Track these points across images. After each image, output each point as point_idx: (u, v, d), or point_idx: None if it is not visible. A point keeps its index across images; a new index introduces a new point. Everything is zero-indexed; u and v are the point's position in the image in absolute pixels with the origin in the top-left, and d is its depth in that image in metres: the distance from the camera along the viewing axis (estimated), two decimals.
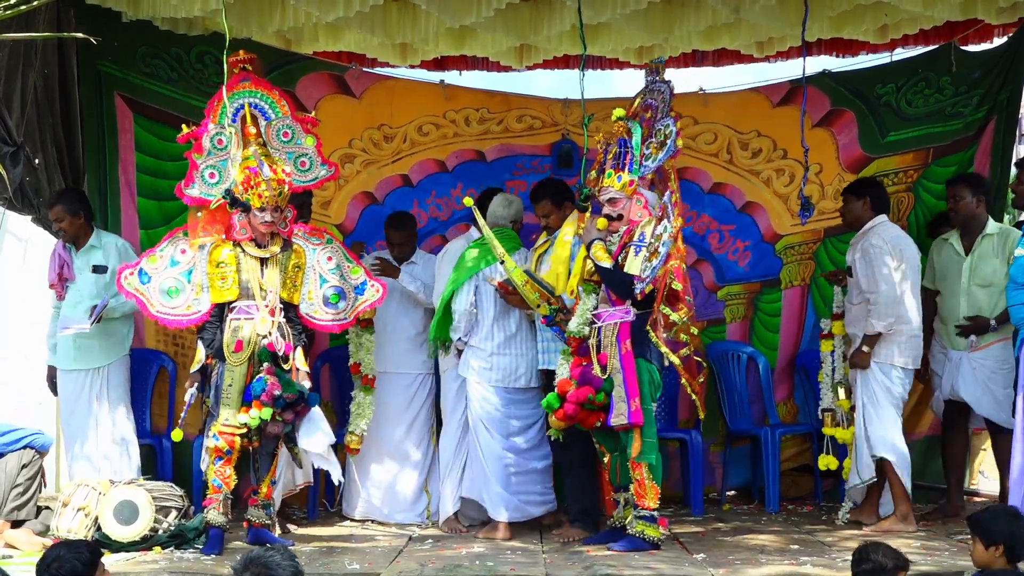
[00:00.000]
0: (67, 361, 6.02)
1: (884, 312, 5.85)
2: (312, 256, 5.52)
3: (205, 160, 5.42)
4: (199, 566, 5.01)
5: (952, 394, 6.22)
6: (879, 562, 3.70)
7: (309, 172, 5.53)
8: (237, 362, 5.25)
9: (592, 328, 5.44)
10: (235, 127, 5.36)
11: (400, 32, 6.53)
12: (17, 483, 5.55)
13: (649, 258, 5.24)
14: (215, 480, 5.27)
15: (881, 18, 6.58)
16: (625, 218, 5.43)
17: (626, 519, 5.42)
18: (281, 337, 5.28)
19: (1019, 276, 5.50)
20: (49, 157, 6.27)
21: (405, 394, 6.41)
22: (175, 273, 5.40)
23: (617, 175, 5.43)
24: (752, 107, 7.21)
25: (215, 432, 5.24)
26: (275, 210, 5.32)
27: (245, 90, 5.44)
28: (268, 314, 5.28)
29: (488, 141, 7.17)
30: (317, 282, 5.51)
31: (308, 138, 5.51)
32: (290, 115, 5.50)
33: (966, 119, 7.14)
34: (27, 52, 5.91)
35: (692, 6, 6.37)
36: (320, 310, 5.51)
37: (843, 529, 5.93)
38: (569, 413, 5.34)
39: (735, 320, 7.23)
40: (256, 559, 3.23)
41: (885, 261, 5.87)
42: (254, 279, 5.32)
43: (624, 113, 5.52)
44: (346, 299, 5.56)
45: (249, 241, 5.36)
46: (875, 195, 6.13)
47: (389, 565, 5.01)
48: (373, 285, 5.62)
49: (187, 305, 5.39)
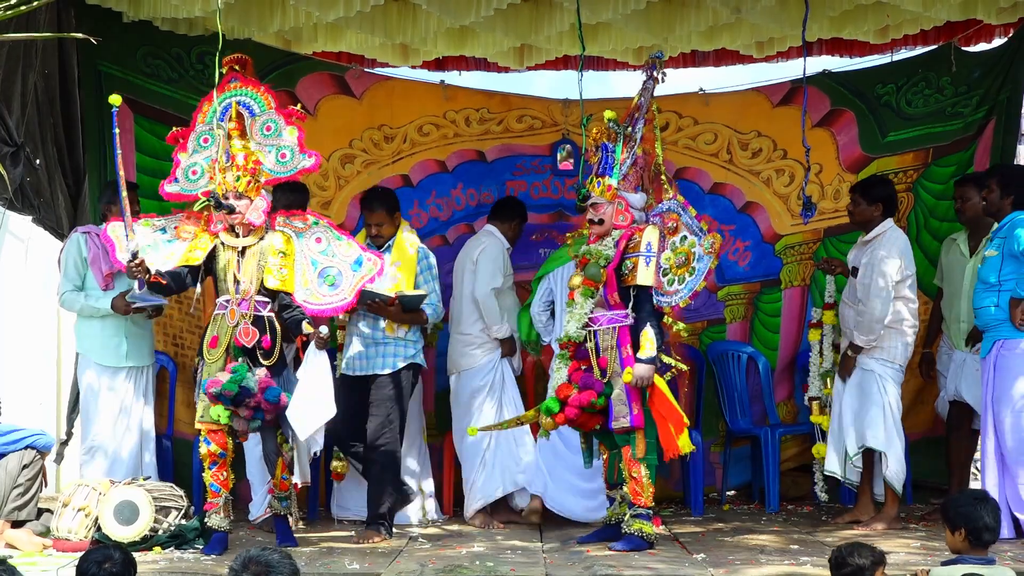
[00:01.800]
0: (116, 358, 5.97)
1: (868, 328, 5.84)
2: (299, 243, 5.39)
3: (189, 158, 5.44)
4: (199, 566, 5.01)
5: (956, 395, 6.22)
6: (857, 564, 3.71)
7: (288, 163, 5.39)
8: (213, 358, 5.25)
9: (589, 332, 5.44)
10: (223, 126, 5.36)
11: (400, 32, 6.53)
12: (18, 483, 5.53)
13: (676, 271, 5.31)
14: (213, 485, 5.28)
15: (882, 18, 6.58)
16: (607, 223, 5.46)
17: (621, 516, 5.44)
18: (257, 330, 5.25)
19: (989, 277, 5.54)
20: (50, 158, 6.27)
21: None
22: (158, 237, 5.40)
23: (597, 180, 5.47)
24: (752, 107, 7.22)
25: (204, 435, 5.25)
26: (238, 198, 5.27)
27: (234, 90, 5.43)
28: (237, 306, 5.26)
29: (488, 141, 7.17)
30: (309, 267, 5.35)
31: (290, 129, 5.39)
32: (274, 108, 5.43)
33: (966, 119, 7.14)
34: (28, 52, 5.91)
35: (692, 6, 6.37)
36: (316, 294, 5.30)
37: (843, 529, 5.93)
38: (570, 417, 5.36)
39: (735, 320, 7.23)
40: (254, 559, 3.24)
41: (888, 278, 5.80)
42: (230, 270, 5.31)
43: (614, 115, 5.54)
44: (343, 277, 5.34)
45: (226, 231, 5.35)
46: (887, 197, 6.09)
47: (389, 565, 5.00)
48: (370, 258, 5.38)
49: (159, 263, 5.31)
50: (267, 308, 5.31)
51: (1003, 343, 5.48)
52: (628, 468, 5.35)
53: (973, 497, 4.08)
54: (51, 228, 6.41)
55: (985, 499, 4.07)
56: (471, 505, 6.30)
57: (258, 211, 5.35)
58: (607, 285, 5.42)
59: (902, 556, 5.03)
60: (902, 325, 5.90)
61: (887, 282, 5.80)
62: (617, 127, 5.50)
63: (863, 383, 5.92)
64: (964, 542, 3.93)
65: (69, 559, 5.04)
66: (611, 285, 5.42)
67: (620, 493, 5.54)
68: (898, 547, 5.25)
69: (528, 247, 6.96)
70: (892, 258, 5.85)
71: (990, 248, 5.61)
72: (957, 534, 3.95)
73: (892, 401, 5.89)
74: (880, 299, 5.80)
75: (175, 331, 6.67)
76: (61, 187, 6.34)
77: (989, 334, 5.57)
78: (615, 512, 5.60)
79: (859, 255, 6.06)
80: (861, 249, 6.07)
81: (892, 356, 5.92)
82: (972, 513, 3.92)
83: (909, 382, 6.50)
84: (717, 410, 7.07)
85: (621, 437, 5.36)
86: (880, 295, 5.81)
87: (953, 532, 3.97)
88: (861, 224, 6.11)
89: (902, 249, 5.92)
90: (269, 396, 5.17)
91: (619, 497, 5.57)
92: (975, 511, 3.93)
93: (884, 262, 5.83)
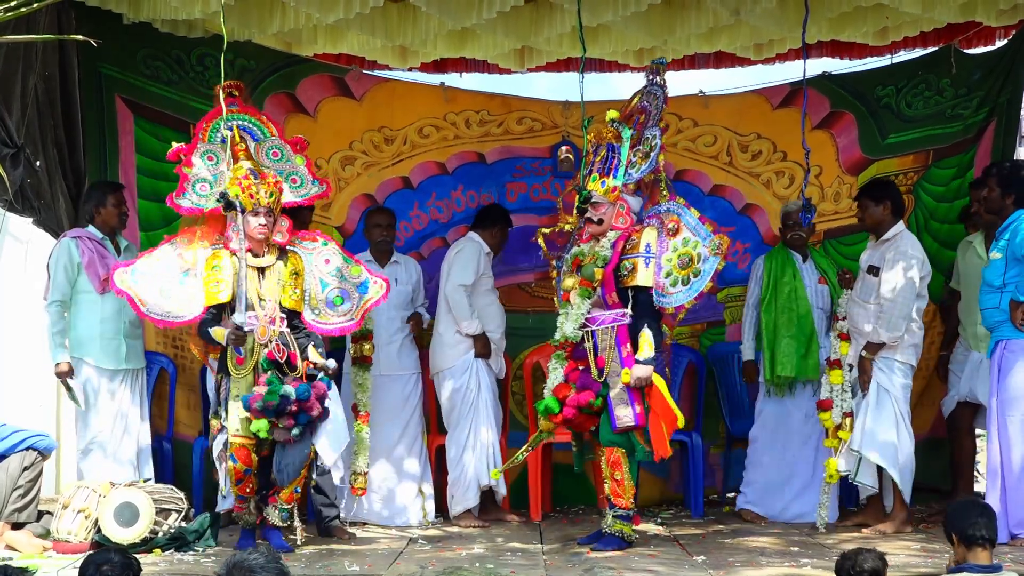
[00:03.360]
0: (113, 360, 5.96)
1: (895, 324, 5.81)
2: (309, 261, 5.52)
3: (197, 174, 5.49)
4: (198, 568, 5.01)
5: (969, 395, 6.20)
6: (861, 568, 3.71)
7: (301, 188, 5.60)
8: (241, 375, 5.29)
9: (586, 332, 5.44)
10: (226, 146, 5.42)
11: (400, 34, 6.53)
12: (18, 485, 5.52)
13: (679, 273, 5.31)
14: (240, 496, 5.36)
15: (881, 20, 6.58)
16: (606, 223, 5.46)
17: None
18: (284, 346, 5.30)
19: (994, 280, 5.54)
20: (50, 159, 6.26)
21: (399, 395, 6.43)
22: (171, 274, 5.40)
23: (602, 180, 5.46)
24: (752, 109, 7.22)
25: (231, 452, 5.28)
26: (268, 213, 5.33)
27: (233, 115, 5.47)
28: (268, 323, 5.30)
29: (488, 143, 7.17)
30: (318, 287, 5.50)
31: (298, 158, 5.59)
32: (278, 136, 5.57)
33: (966, 121, 7.13)
34: (28, 54, 5.91)
35: (692, 8, 6.37)
36: (325, 314, 5.49)
37: (843, 532, 5.93)
38: (568, 417, 5.37)
39: (735, 322, 7.21)
40: (239, 563, 3.18)
41: (914, 274, 5.83)
42: (252, 289, 5.34)
43: (617, 115, 5.54)
44: (350, 299, 5.53)
45: (247, 252, 5.37)
46: (895, 199, 6.08)
47: (389, 567, 5.00)
48: (376, 282, 5.59)
49: (179, 308, 5.38)
50: (284, 324, 5.37)
51: (1007, 343, 5.47)
52: (611, 469, 5.35)
53: (965, 504, 4.09)
54: (51, 230, 6.40)
55: (976, 503, 4.09)
56: (455, 507, 6.34)
57: (283, 231, 5.47)
58: (605, 285, 5.42)
59: (902, 558, 5.04)
60: (913, 326, 5.91)
61: (916, 278, 5.83)
62: (621, 127, 5.50)
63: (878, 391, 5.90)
64: (963, 549, 3.92)
65: (69, 561, 5.04)
66: (609, 285, 5.42)
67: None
68: (898, 549, 5.25)
69: (528, 248, 6.94)
70: (917, 256, 5.88)
71: (994, 250, 5.59)
72: (959, 545, 3.94)
73: (902, 407, 5.89)
74: (904, 295, 5.79)
75: (175, 332, 6.66)
76: (61, 189, 6.33)
77: (993, 335, 5.56)
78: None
79: (874, 255, 6.02)
80: (876, 249, 6.02)
81: (906, 357, 5.92)
82: (964, 519, 3.92)
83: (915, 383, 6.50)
84: (717, 412, 7.06)
85: (606, 437, 5.35)
86: (905, 292, 5.80)
87: (952, 542, 3.98)
88: (873, 227, 6.07)
89: (921, 248, 5.97)
90: (301, 394, 5.20)
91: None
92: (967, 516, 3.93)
93: (912, 259, 5.85)
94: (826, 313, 6.36)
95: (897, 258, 5.87)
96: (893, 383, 5.89)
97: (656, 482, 7.07)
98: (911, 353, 5.95)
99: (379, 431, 6.28)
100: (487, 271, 6.46)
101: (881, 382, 5.89)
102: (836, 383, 5.97)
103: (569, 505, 6.92)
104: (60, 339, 5.89)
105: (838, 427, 5.94)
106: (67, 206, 6.40)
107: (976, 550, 3.89)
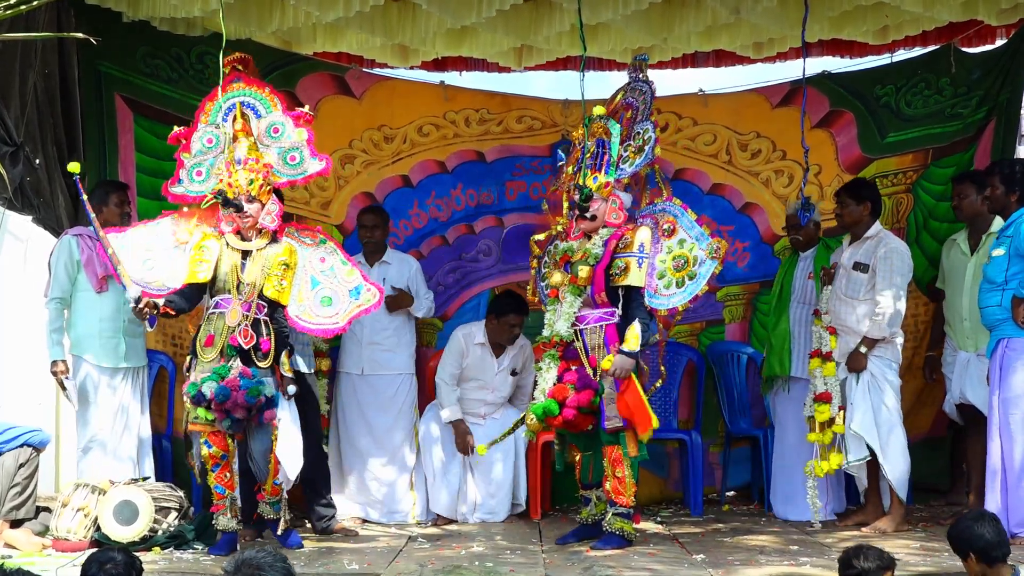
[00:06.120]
0: (112, 358, 5.95)
1: (894, 319, 5.83)
2: (303, 256, 5.40)
3: (193, 159, 5.43)
4: (198, 567, 5.01)
5: (961, 397, 6.08)
6: (863, 568, 3.69)
7: (299, 166, 5.40)
8: (207, 357, 5.20)
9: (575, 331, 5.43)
10: (226, 127, 5.36)
11: (400, 32, 6.53)
12: (15, 482, 5.52)
13: (674, 275, 5.29)
14: (218, 487, 5.26)
15: (881, 19, 6.58)
16: (599, 219, 5.44)
17: (598, 516, 5.48)
18: (255, 333, 5.22)
19: (995, 277, 5.51)
20: (49, 157, 6.26)
21: (386, 396, 6.45)
22: (162, 245, 5.38)
23: (593, 176, 5.45)
24: (751, 108, 7.22)
25: (204, 438, 5.22)
26: (250, 201, 5.27)
27: (237, 90, 5.43)
28: (240, 307, 5.24)
29: (488, 142, 7.17)
30: (308, 284, 5.36)
31: (299, 131, 5.40)
32: (281, 110, 5.43)
33: (965, 120, 7.13)
34: (27, 52, 5.90)
35: (692, 6, 6.37)
36: (310, 312, 5.33)
37: (842, 530, 5.93)
38: (568, 419, 5.31)
39: (734, 321, 7.23)
40: (247, 561, 3.20)
41: (904, 271, 5.87)
42: (232, 272, 5.29)
43: (604, 111, 5.53)
44: (339, 302, 5.37)
45: (233, 234, 5.34)
46: (876, 199, 6.10)
47: (388, 565, 5.00)
48: (369, 289, 5.40)
49: (160, 279, 5.33)
50: (263, 313, 5.29)
51: (1008, 342, 5.44)
52: (612, 467, 5.33)
53: (969, 519, 4.01)
54: (51, 228, 6.40)
55: (982, 516, 4.02)
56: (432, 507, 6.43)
57: (271, 215, 5.35)
58: (594, 284, 5.40)
59: (902, 557, 5.02)
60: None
61: (904, 277, 5.86)
62: (609, 122, 5.49)
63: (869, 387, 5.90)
64: (979, 564, 3.87)
65: (68, 559, 5.04)
66: (598, 284, 5.40)
67: (596, 493, 5.56)
68: (898, 548, 5.23)
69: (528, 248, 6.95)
70: (901, 255, 5.89)
71: (996, 247, 5.55)
72: (969, 560, 3.89)
73: (892, 404, 5.88)
74: (897, 292, 5.81)
75: (174, 331, 6.67)
76: (61, 187, 6.33)
77: (994, 333, 5.54)
78: (591, 513, 5.60)
79: (857, 252, 6.02)
80: (859, 247, 6.02)
81: (893, 355, 5.93)
82: (972, 535, 3.88)
83: (910, 383, 6.51)
84: (716, 411, 7.06)
85: (609, 436, 5.33)
86: (898, 288, 5.82)
87: (965, 560, 3.92)
88: (850, 225, 6.10)
89: (904, 248, 5.98)
90: (218, 394, 5.04)
91: (595, 497, 5.57)
92: (974, 532, 3.88)
93: (903, 255, 5.89)
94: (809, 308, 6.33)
95: (889, 254, 5.88)
96: (887, 377, 5.89)
97: (655, 481, 7.07)
98: (896, 351, 5.95)
99: (368, 431, 6.34)
100: (474, 361, 6.47)
101: (875, 375, 5.88)
102: (829, 375, 5.92)
103: (569, 504, 6.91)
104: (58, 337, 5.89)
105: (832, 421, 5.89)
106: (66, 204, 6.40)
107: (999, 567, 3.85)
